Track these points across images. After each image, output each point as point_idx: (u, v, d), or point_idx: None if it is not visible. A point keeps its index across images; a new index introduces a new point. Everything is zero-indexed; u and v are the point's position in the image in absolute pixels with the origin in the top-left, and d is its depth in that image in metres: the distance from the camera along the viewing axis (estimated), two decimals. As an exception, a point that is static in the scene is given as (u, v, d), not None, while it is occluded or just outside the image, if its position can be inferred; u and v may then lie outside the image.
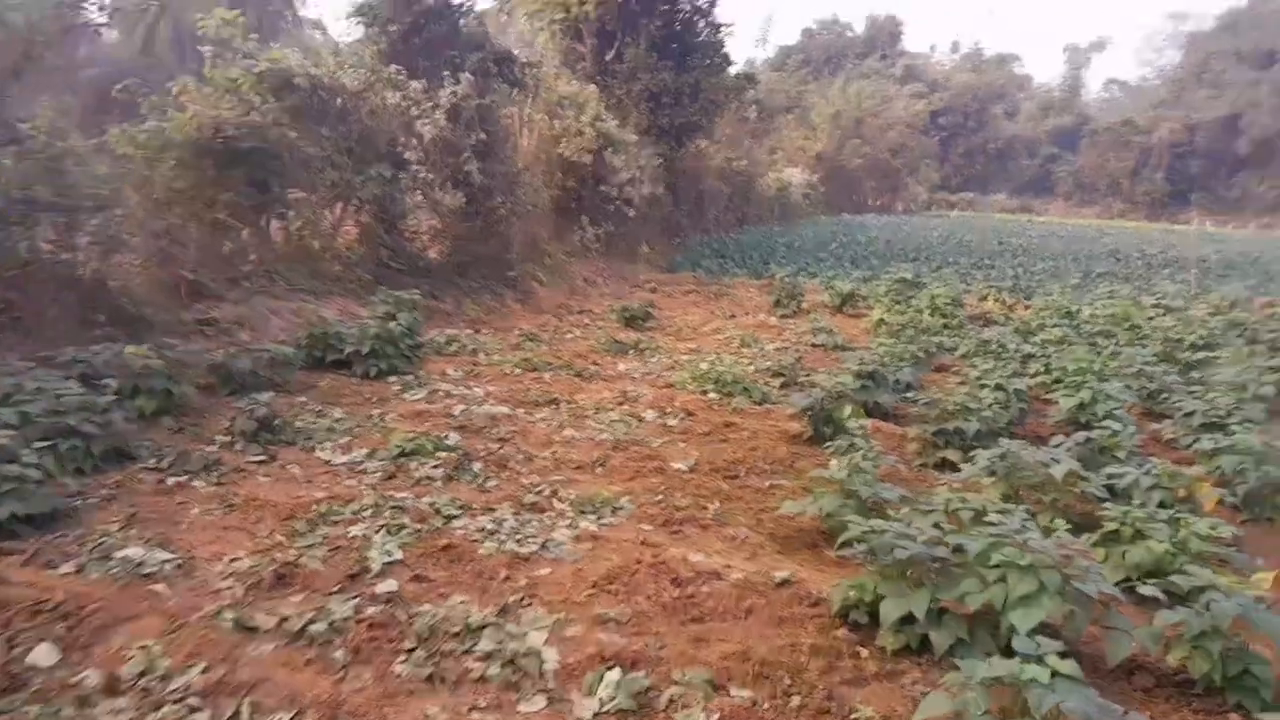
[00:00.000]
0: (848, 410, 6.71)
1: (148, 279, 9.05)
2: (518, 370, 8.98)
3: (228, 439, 6.21)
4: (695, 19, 22.97)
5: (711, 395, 8.19)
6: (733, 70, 24.34)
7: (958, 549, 3.98)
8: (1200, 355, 9.65)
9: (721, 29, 23.12)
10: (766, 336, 11.79)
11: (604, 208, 17.90)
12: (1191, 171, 73.01)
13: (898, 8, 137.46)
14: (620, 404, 7.96)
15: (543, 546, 4.86)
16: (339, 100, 11.89)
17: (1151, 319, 11.80)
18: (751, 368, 9.54)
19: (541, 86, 17.14)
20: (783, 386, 8.82)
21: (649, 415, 7.62)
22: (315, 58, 12.40)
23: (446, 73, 12.64)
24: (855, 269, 20.82)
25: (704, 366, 9.30)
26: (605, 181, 17.52)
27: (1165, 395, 8.15)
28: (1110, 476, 5.49)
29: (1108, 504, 4.97)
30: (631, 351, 10.35)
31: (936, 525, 4.65)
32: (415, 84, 12.34)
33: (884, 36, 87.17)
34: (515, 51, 14.99)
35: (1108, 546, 4.64)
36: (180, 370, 6.92)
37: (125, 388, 6.44)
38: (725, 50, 22.99)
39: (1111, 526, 4.67)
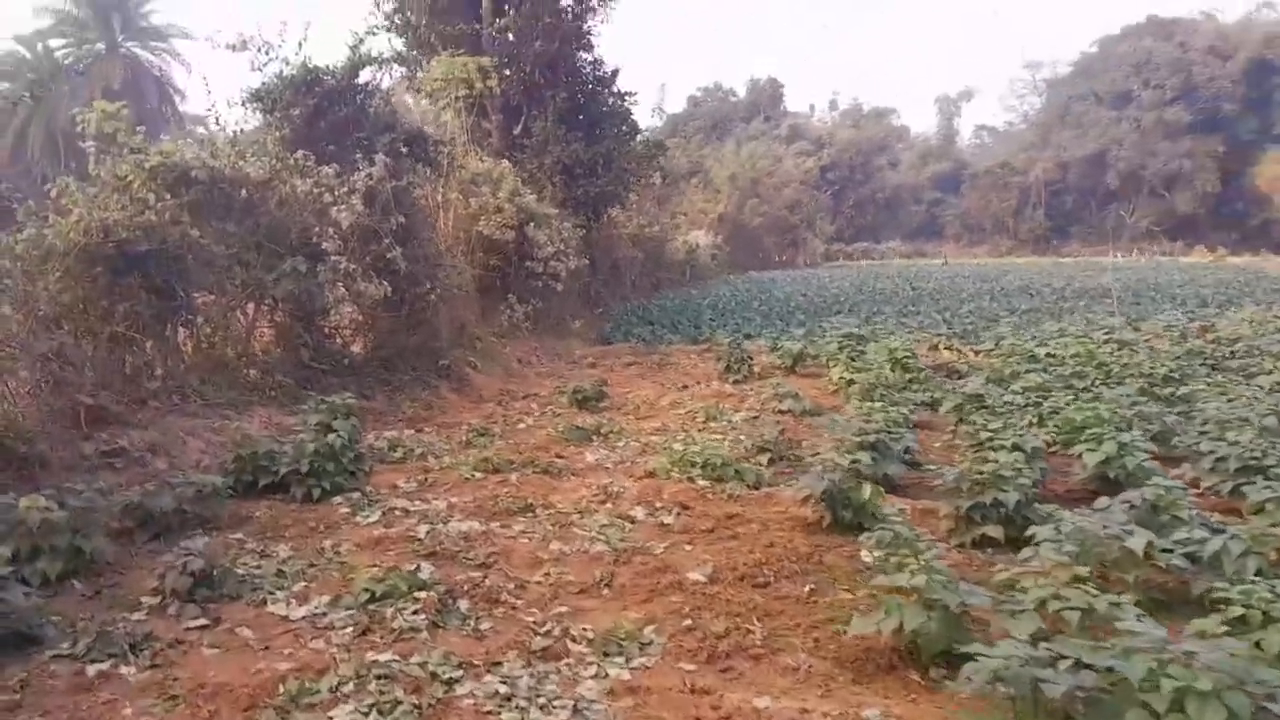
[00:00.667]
0: (868, 490, 6.03)
1: (39, 409, 7.84)
2: (477, 474, 8.03)
3: (157, 601, 5.11)
4: (599, 90, 22.74)
5: (701, 482, 7.40)
6: (639, 139, 24.14)
7: (1108, 670, 3.27)
8: (1182, 390, 9.39)
9: (626, 98, 22.96)
10: (729, 406, 11.11)
11: (530, 284, 17.16)
12: (1066, 207, 77.16)
13: (775, 70, 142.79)
14: (603, 503, 7.10)
15: (574, 711, 3.96)
16: (243, 192, 10.91)
17: (1114, 355, 11.61)
18: (729, 444, 8.81)
19: (454, 165, 16.44)
20: (770, 463, 8.12)
21: (639, 513, 6.79)
22: (212, 148, 11.44)
23: (359, 154, 11.79)
24: (787, 326, 20.51)
25: (678, 448, 8.56)
26: (530, 257, 16.81)
27: (1174, 437, 7.76)
28: (1186, 543, 4.91)
29: (1218, 583, 4.35)
30: (595, 438, 9.50)
31: (1039, 635, 3.96)
32: (327, 169, 11.45)
33: (765, 99, 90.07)
34: (426, 129, 14.24)
35: (1236, 635, 4.00)
36: (88, 519, 5.78)
37: (23, 550, 5.31)
38: (633, 119, 22.82)
39: (1236, 611, 4.05)
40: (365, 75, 13.38)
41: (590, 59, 22.47)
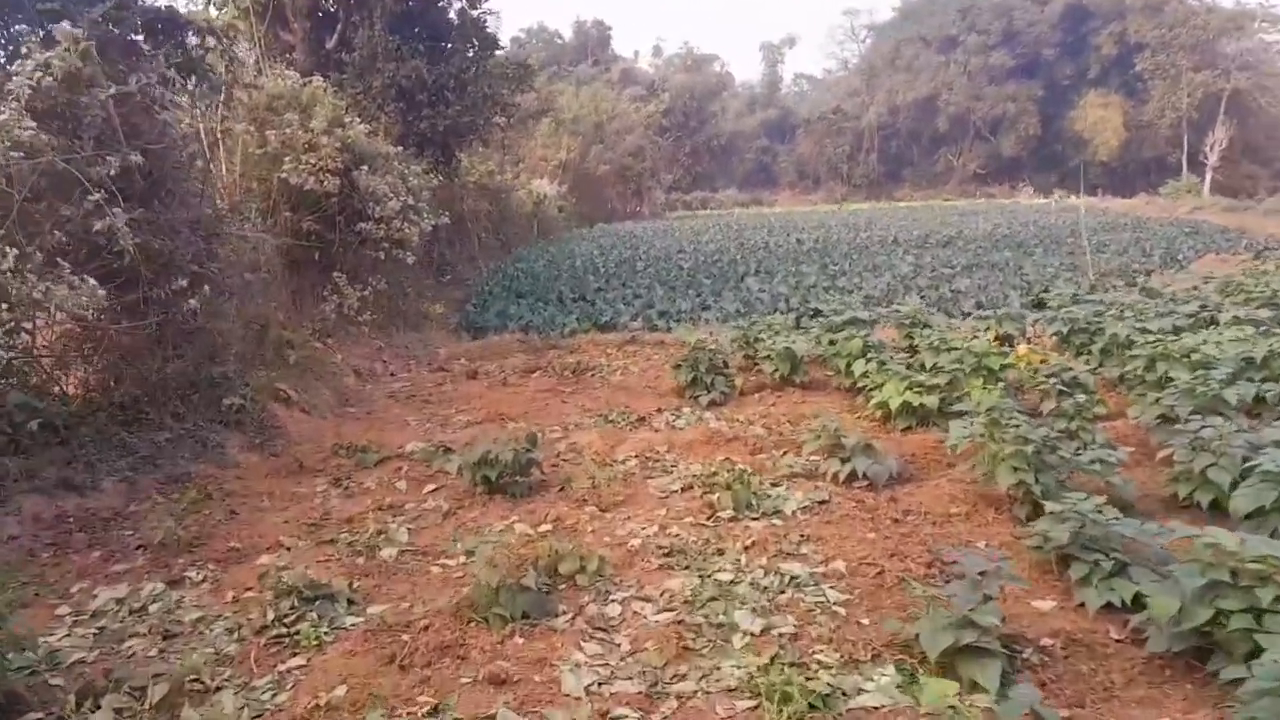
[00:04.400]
0: None
1: None
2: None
3: None
4: (440, -8, 17.18)
5: None
6: (498, 57, 18.66)
7: None
8: None
9: (478, 4, 17.46)
10: (740, 462, 6.44)
11: (366, 256, 11.80)
12: (893, 151, 77.38)
13: (597, 12, 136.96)
14: None
15: None
16: None
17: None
18: (840, 597, 4.24)
19: (240, 78, 10.84)
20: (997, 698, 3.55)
21: None
22: None
23: (27, 28, 6.18)
24: (700, 297, 16.07)
25: (747, 625, 3.96)
26: (364, 216, 11.43)
27: None
28: None
29: None
30: (557, 597, 4.58)
31: None
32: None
33: (594, 42, 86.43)
34: (185, 11, 8.59)
35: None
36: None
37: None
38: (490, 32, 17.36)
39: None
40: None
41: (426, -49, 16.85)
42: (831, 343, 9.07)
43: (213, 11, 14.42)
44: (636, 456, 6.96)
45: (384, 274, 12.02)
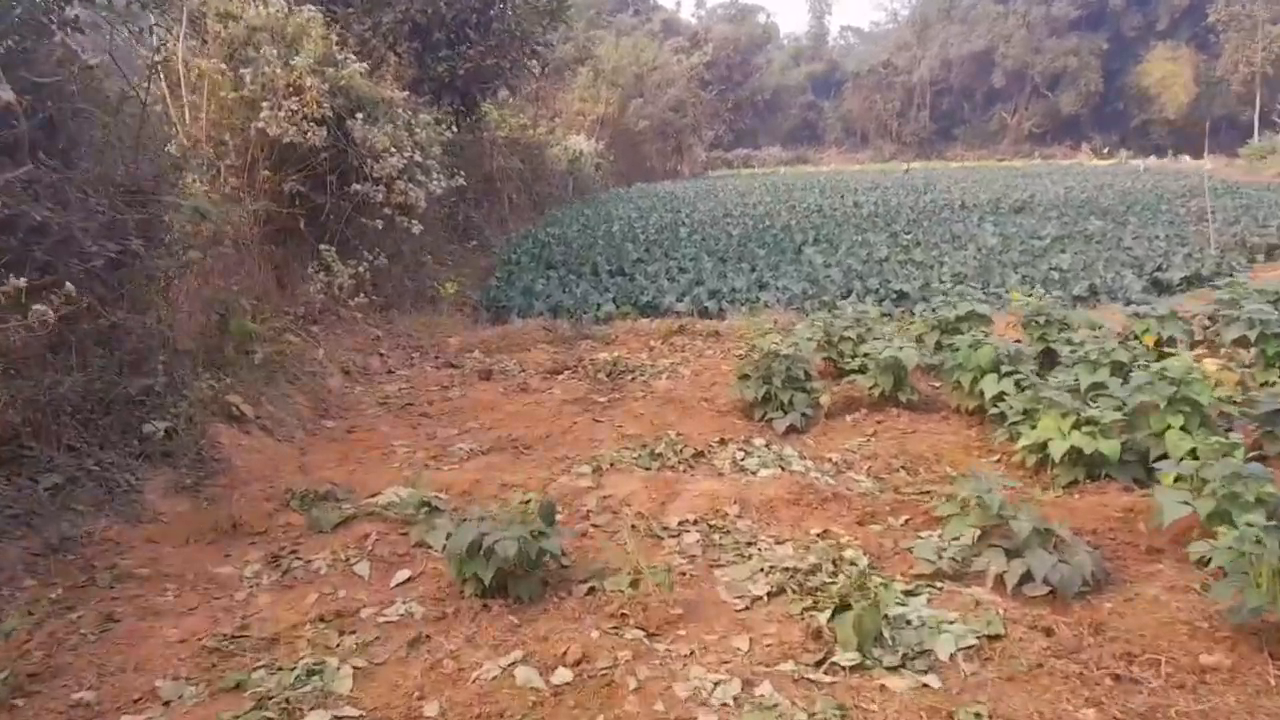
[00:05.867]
0: None
1: None
2: None
3: None
4: (464, -86, 14.90)
5: None
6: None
7: None
8: None
9: (506, -71, 15.18)
10: (855, 546, 4.45)
11: (363, 225, 9.81)
12: (944, 108, 73.98)
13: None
14: None
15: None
16: None
17: None
18: None
19: (209, 5, 8.85)
20: None
21: None
22: None
23: None
24: (755, 271, 13.93)
25: None
26: (360, 176, 9.44)
27: None
28: None
29: None
30: None
31: None
32: None
33: None
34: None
35: None
36: None
37: None
38: (518, -40, 15.12)
39: None
40: None
41: None
42: (941, 346, 6.96)
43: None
44: (696, 522, 4.95)
45: (385, 246, 10.03)
